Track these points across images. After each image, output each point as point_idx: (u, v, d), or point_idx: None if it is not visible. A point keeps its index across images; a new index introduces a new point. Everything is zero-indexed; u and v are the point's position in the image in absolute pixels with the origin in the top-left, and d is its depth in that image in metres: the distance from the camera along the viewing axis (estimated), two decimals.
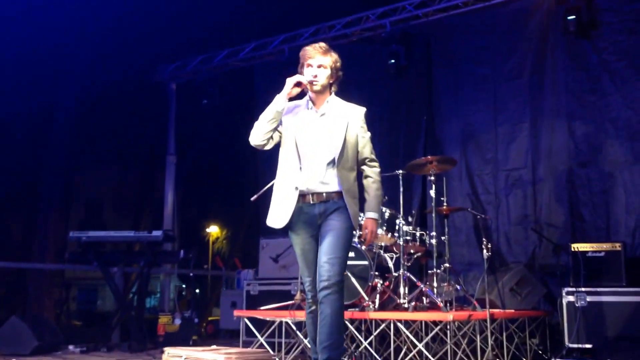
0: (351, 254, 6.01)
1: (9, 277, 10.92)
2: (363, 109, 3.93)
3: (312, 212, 3.68)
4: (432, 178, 6.12)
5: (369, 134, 3.89)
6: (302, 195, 3.69)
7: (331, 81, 3.85)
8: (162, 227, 9.91)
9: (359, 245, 6.07)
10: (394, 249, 6.29)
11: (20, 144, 10.54)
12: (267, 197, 8.72)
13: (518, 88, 7.66)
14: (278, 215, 3.71)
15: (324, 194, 3.68)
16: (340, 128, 3.75)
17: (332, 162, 3.70)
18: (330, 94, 3.87)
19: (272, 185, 6.32)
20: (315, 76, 3.76)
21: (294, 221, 3.70)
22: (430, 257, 6.31)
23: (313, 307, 3.69)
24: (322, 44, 3.90)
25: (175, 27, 9.73)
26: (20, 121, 10.18)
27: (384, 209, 6.19)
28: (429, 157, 6.20)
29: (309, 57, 3.81)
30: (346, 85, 8.83)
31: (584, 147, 7.18)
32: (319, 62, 3.80)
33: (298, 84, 3.73)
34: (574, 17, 7.12)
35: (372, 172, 3.84)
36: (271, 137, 3.81)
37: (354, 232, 3.79)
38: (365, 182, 3.83)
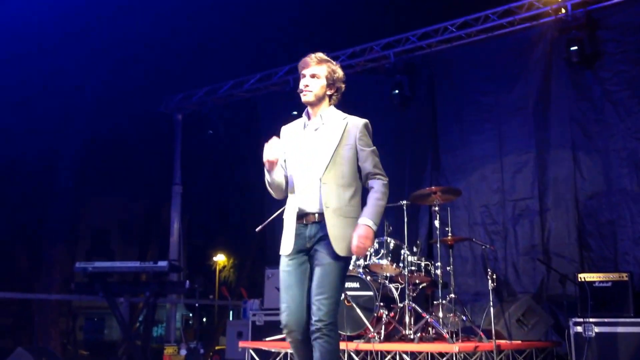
0: (356, 284, 6.02)
1: (15, 307, 10.94)
2: (363, 121, 3.63)
3: (304, 234, 3.41)
4: (437, 208, 6.14)
5: (371, 147, 3.55)
6: (300, 217, 3.43)
7: (329, 92, 3.59)
8: (169, 256, 9.93)
9: (363, 276, 6.06)
10: (399, 279, 6.29)
11: (27, 173, 10.63)
12: (273, 227, 8.74)
13: (523, 118, 7.69)
14: (284, 241, 3.46)
15: (316, 215, 3.39)
16: (332, 141, 3.47)
17: (325, 184, 3.41)
18: (330, 105, 3.63)
19: (278, 215, 6.40)
20: (307, 86, 3.53)
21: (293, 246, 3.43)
22: (436, 288, 6.28)
23: (289, 339, 3.37)
24: (319, 54, 3.62)
25: (180, 59, 9.87)
26: (28, 151, 10.28)
27: (388, 239, 6.21)
28: (433, 187, 6.24)
29: (302, 67, 3.59)
30: (351, 114, 8.91)
31: (590, 177, 7.17)
32: (312, 71, 3.55)
33: (270, 163, 3.49)
34: (576, 47, 7.15)
35: (375, 182, 3.48)
36: (285, 183, 3.60)
37: (345, 261, 3.39)
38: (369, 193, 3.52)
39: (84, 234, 11.43)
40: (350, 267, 6.23)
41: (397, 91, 8.26)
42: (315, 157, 3.46)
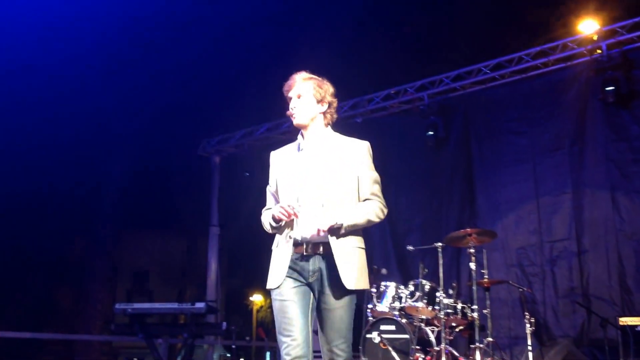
0: (392, 327, 5.99)
1: (57, 347, 11.14)
2: (364, 143, 3.33)
3: (304, 267, 3.11)
4: (472, 250, 6.10)
5: (372, 173, 3.27)
6: (297, 246, 3.14)
7: (320, 110, 3.29)
8: (206, 297, 10.02)
9: (399, 319, 6.03)
10: (436, 322, 6.22)
11: (70, 216, 10.95)
12: None
13: (558, 159, 7.63)
14: (275, 273, 3.15)
15: (317, 245, 3.10)
16: (333, 163, 3.21)
17: (322, 206, 3.14)
18: (327, 126, 3.33)
19: None
20: (294, 108, 3.27)
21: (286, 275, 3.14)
22: (473, 331, 6.19)
23: None
24: (302, 73, 3.37)
25: (218, 103, 10.13)
26: (69, 194, 10.62)
27: (424, 281, 6.18)
28: (468, 229, 6.20)
29: (287, 90, 3.32)
30: (385, 156, 8.99)
31: (629, 218, 7.05)
32: (297, 92, 3.29)
33: (278, 220, 3.17)
34: (612, 87, 7.12)
35: (372, 201, 3.21)
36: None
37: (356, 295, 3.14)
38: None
39: (124, 274, 11.68)
40: (386, 310, 6.22)
41: (431, 132, 8.30)
42: (314, 181, 3.19)
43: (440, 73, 8.60)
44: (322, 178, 3.18)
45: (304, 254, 3.12)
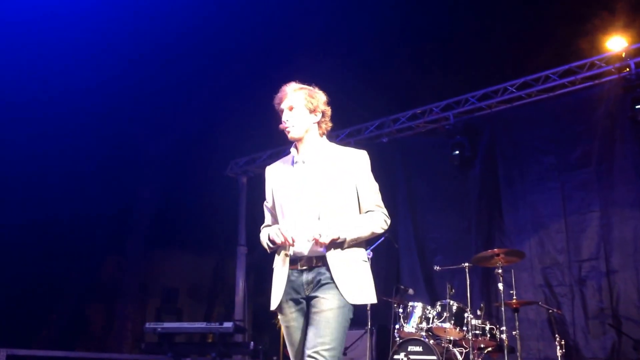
0: (419, 348, 5.98)
1: None
2: (361, 153, 3.23)
3: (299, 281, 3.04)
4: (500, 271, 6.07)
5: (372, 183, 3.18)
6: (293, 262, 3.08)
7: (314, 120, 3.20)
8: (234, 316, 10.09)
9: (426, 339, 6.02)
10: (464, 343, 6.19)
11: (101, 236, 11.15)
12: None
13: (586, 177, 7.57)
14: (274, 294, 3.10)
15: (314, 259, 3.03)
16: (329, 175, 3.11)
17: (318, 219, 3.05)
18: (322, 136, 3.25)
19: None
20: (287, 121, 3.19)
21: (283, 294, 3.09)
22: (502, 352, 6.14)
23: None
24: (292, 83, 3.29)
25: (246, 124, 10.25)
26: (101, 215, 10.82)
27: (451, 302, 6.16)
28: (496, 249, 6.18)
29: (278, 102, 3.25)
30: (411, 176, 9.00)
31: None
32: (288, 103, 3.21)
33: (273, 242, 3.12)
34: None
35: (375, 213, 3.13)
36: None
37: (351, 309, 3.01)
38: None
39: (153, 292, 11.85)
40: (413, 330, 6.20)
41: (457, 152, 8.30)
42: (311, 193, 3.09)
43: (466, 92, 8.59)
44: (319, 189, 3.09)
45: (299, 268, 3.05)
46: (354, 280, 3.00)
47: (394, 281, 7.80)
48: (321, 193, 3.08)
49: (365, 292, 3.04)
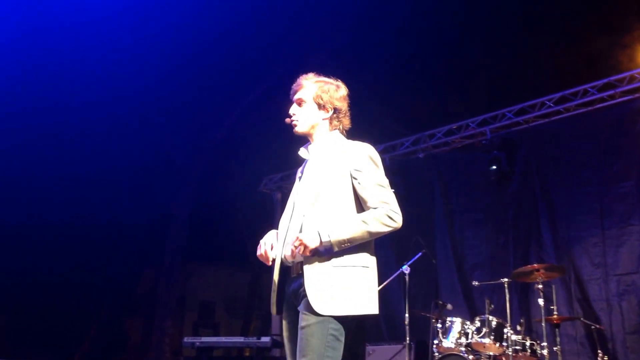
0: None
1: None
2: (363, 146, 2.93)
3: (290, 289, 2.88)
4: (540, 286, 6.04)
5: (374, 177, 2.83)
6: (284, 268, 2.93)
7: (323, 116, 3.01)
8: (271, 330, 10.15)
9: (465, 355, 6.00)
10: (503, 358, 6.15)
11: (138, 252, 11.35)
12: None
13: (625, 190, 7.45)
14: (272, 300, 2.97)
15: (298, 264, 2.81)
16: (322, 173, 2.90)
17: (303, 220, 2.86)
18: (333, 131, 3.05)
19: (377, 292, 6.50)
20: (293, 115, 3.06)
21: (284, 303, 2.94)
22: None
23: None
24: (308, 74, 3.11)
25: (280, 140, 10.38)
26: (138, 231, 11.03)
27: (490, 317, 6.14)
28: (535, 265, 6.16)
29: (292, 94, 3.09)
30: (448, 191, 8.98)
31: None
32: (298, 96, 3.05)
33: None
34: None
35: (372, 210, 2.79)
36: None
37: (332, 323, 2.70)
38: None
39: (191, 306, 12.00)
40: (452, 346, 6.18)
41: (494, 167, 8.24)
42: (306, 195, 2.90)
43: (503, 107, 8.57)
44: (313, 189, 2.87)
45: (291, 276, 2.87)
46: (329, 289, 2.68)
47: (432, 296, 7.78)
48: (315, 193, 2.86)
49: (340, 302, 2.67)
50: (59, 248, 9.62)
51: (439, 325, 6.41)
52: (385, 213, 2.75)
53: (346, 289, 2.71)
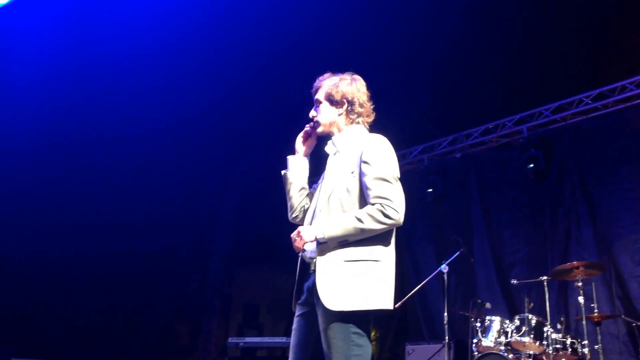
0: None
1: None
2: (374, 139, 2.91)
3: (306, 286, 2.90)
4: (580, 284, 6.05)
5: (375, 171, 2.79)
6: (303, 264, 2.95)
7: (339, 112, 3.03)
8: None
9: (505, 354, 6.06)
10: (544, 358, 6.18)
11: (186, 256, 11.65)
12: (413, 303, 8.89)
13: None
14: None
15: (314, 261, 2.81)
16: (339, 169, 2.92)
17: (320, 211, 2.90)
18: (351, 124, 3.07)
19: (416, 291, 6.61)
20: (313, 117, 3.11)
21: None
22: None
23: None
24: (324, 75, 3.14)
25: (323, 142, 10.51)
26: (185, 237, 11.33)
27: (530, 316, 6.17)
28: (575, 262, 6.17)
29: (313, 94, 3.15)
30: (485, 190, 9.00)
31: None
32: (316, 97, 3.10)
33: (306, 135, 3.14)
34: None
35: (369, 206, 2.75)
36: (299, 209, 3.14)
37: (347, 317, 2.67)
38: None
39: (236, 308, 12.25)
40: (491, 345, 6.24)
41: (531, 165, 8.24)
42: (323, 191, 2.93)
43: (539, 105, 8.56)
44: (330, 184, 2.91)
45: (310, 271, 2.85)
46: (339, 284, 2.67)
47: (471, 295, 7.84)
48: (330, 188, 2.88)
49: (350, 297, 2.64)
50: (116, 260, 9.97)
51: (478, 324, 6.47)
52: (380, 209, 2.70)
53: (356, 284, 2.67)
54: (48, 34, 8.25)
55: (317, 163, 3.34)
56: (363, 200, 2.80)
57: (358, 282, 2.67)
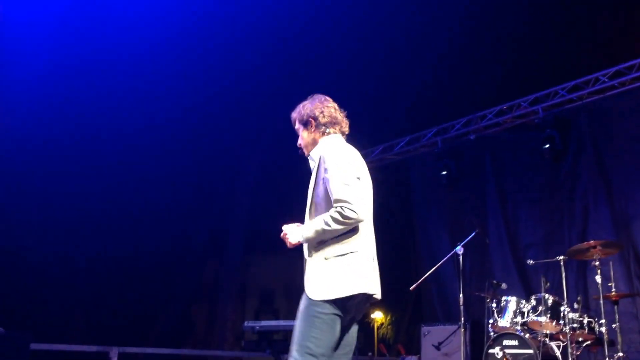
0: (514, 342, 5.99)
1: None
2: (328, 148, 3.23)
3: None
4: (597, 263, 6.00)
5: (331, 177, 3.07)
6: None
7: (312, 131, 3.36)
8: None
9: (521, 333, 6.03)
10: (561, 337, 6.14)
11: (202, 243, 11.71)
12: (427, 285, 8.88)
13: None
14: None
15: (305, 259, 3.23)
16: (311, 183, 3.25)
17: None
18: (321, 138, 3.36)
19: (431, 274, 6.60)
20: (299, 144, 3.46)
21: None
22: (601, 346, 6.05)
23: None
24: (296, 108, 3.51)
25: None
26: (201, 224, 11.38)
27: (546, 295, 6.13)
28: (592, 241, 6.11)
29: None
30: (500, 171, 8.95)
31: None
32: (296, 128, 3.49)
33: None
34: None
35: (330, 210, 3.05)
36: None
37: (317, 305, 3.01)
38: None
39: (252, 293, 12.33)
40: (508, 325, 6.22)
41: (547, 145, 8.15)
42: (307, 200, 3.27)
43: (555, 85, 8.46)
44: (308, 197, 3.25)
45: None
46: (315, 278, 3.06)
47: (486, 276, 7.80)
48: (308, 201, 3.23)
49: (323, 288, 3.02)
50: (134, 248, 10.06)
51: (494, 305, 6.45)
52: (338, 211, 3.00)
53: (331, 277, 3.03)
54: (53, 24, 8.28)
55: None
56: (325, 204, 3.13)
57: (327, 276, 3.04)
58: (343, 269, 3.04)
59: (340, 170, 3.09)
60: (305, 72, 10.05)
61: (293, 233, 3.17)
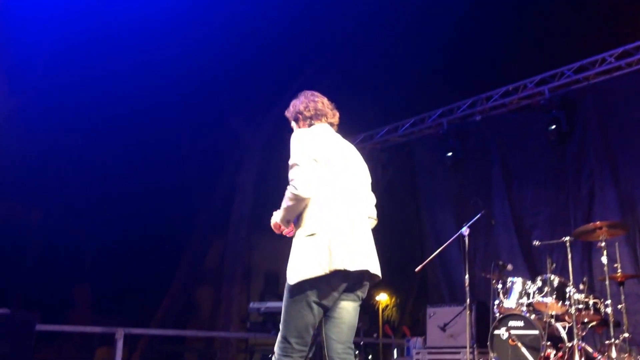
0: (520, 323, 5.99)
1: (200, 344, 11.97)
2: (295, 133, 3.41)
3: None
4: (603, 244, 5.98)
5: (290, 162, 3.25)
6: None
7: (300, 125, 3.56)
8: None
9: (527, 314, 6.03)
10: (566, 318, 6.14)
11: (207, 226, 11.77)
12: (433, 267, 8.87)
13: None
14: None
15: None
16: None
17: None
18: (312, 126, 3.54)
19: (436, 255, 6.59)
20: None
21: None
22: (607, 327, 6.04)
23: None
24: None
25: (340, 110, 10.47)
26: (206, 206, 11.43)
27: (552, 276, 6.12)
28: (598, 222, 6.08)
29: None
30: (506, 152, 8.90)
31: None
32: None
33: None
34: None
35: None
36: None
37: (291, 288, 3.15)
38: None
39: (257, 276, 12.41)
40: (513, 306, 6.22)
41: (554, 127, 8.10)
42: None
43: (561, 65, 8.38)
44: None
45: None
46: (293, 259, 3.16)
47: (492, 257, 7.80)
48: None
49: (294, 270, 3.13)
50: (138, 232, 10.11)
51: (500, 286, 6.44)
52: (288, 190, 3.17)
53: (296, 258, 3.15)
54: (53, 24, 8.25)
55: None
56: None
57: (298, 256, 3.14)
58: (309, 249, 3.11)
59: (293, 153, 3.25)
60: (311, 54, 10.01)
61: (273, 216, 3.36)
